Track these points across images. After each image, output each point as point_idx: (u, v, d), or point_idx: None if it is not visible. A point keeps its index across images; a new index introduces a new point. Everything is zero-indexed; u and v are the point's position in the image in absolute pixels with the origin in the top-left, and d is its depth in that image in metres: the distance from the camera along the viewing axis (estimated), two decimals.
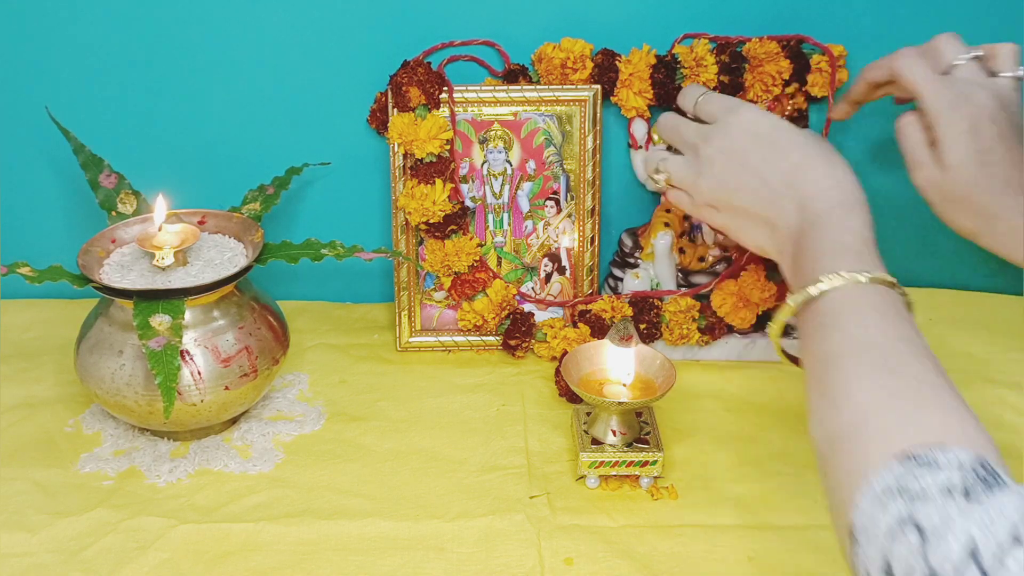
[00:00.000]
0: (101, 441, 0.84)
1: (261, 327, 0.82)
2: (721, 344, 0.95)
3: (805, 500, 0.77)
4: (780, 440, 0.84)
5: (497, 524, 0.75)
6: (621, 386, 0.80)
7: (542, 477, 0.80)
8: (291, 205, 1.00)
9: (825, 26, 0.93)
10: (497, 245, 0.97)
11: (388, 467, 0.81)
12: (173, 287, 0.78)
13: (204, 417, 0.80)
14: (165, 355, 0.74)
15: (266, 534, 0.74)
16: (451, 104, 0.92)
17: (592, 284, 0.98)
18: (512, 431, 0.85)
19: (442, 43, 0.94)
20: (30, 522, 0.74)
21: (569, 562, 0.71)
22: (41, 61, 0.94)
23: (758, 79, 0.91)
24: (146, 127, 0.97)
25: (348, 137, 0.97)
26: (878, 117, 0.98)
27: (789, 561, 0.71)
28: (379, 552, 0.72)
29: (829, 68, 0.92)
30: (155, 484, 0.79)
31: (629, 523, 0.75)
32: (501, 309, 0.95)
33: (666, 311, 0.94)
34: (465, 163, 0.94)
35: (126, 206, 0.88)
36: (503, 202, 0.96)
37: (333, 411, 0.88)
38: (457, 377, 0.93)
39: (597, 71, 0.92)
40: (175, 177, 0.88)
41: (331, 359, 0.95)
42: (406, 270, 0.96)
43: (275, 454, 0.82)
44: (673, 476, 0.80)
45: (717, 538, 0.74)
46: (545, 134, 0.94)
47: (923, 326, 0.61)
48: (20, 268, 0.80)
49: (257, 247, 0.83)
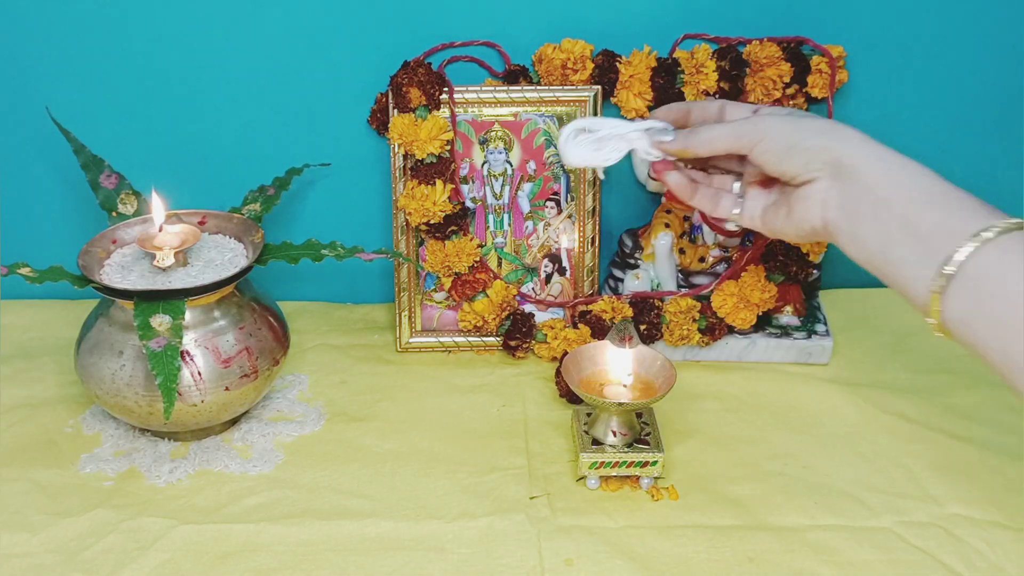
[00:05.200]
0: (101, 442, 0.84)
1: (261, 328, 0.82)
2: (721, 345, 0.95)
3: (805, 500, 0.77)
4: (780, 440, 0.84)
5: (497, 525, 0.75)
6: (621, 387, 0.80)
7: (542, 478, 0.80)
8: (291, 206, 1.00)
9: (825, 27, 0.93)
10: (497, 246, 0.97)
11: (388, 468, 0.81)
12: (173, 288, 0.78)
13: (204, 418, 0.80)
14: (165, 356, 0.74)
15: (266, 535, 0.74)
16: (451, 105, 0.92)
17: (592, 285, 0.98)
18: (512, 432, 0.85)
19: (442, 44, 0.94)
20: (30, 522, 0.74)
21: (569, 563, 0.71)
22: (41, 61, 0.94)
23: (759, 83, 0.91)
24: (146, 128, 0.97)
25: (348, 138, 0.97)
26: (877, 115, 0.99)
27: (789, 562, 0.71)
28: (379, 552, 0.72)
29: (829, 69, 0.92)
30: (155, 485, 0.79)
31: (629, 524, 0.75)
32: (501, 310, 0.95)
33: (666, 312, 0.94)
34: (465, 164, 0.94)
35: (127, 207, 0.88)
36: (503, 203, 0.96)
37: (333, 412, 0.88)
38: (457, 378, 0.93)
39: (597, 72, 0.93)
40: (175, 177, 0.88)
41: (331, 360, 0.95)
42: (406, 271, 0.96)
43: (275, 455, 0.82)
44: (673, 477, 0.80)
45: (717, 538, 0.74)
46: (545, 135, 0.94)
47: (925, 328, 0.61)
48: (21, 269, 0.80)
49: (257, 248, 0.83)
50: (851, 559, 0.72)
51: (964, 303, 0.57)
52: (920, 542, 0.73)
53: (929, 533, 0.74)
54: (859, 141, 0.65)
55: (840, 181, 0.64)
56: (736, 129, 0.69)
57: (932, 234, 0.59)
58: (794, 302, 0.96)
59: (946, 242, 0.58)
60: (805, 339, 0.95)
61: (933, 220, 0.59)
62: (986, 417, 0.87)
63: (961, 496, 0.78)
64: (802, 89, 0.93)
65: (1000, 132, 0.99)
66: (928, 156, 1.00)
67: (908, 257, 0.60)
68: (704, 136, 0.70)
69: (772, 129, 0.67)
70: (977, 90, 0.98)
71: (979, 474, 0.80)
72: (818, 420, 0.87)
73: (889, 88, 0.97)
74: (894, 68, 0.96)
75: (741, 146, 0.68)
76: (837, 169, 0.64)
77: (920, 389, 0.91)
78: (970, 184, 1.01)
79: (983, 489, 0.79)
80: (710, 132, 0.70)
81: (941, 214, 0.59)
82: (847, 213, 0.64)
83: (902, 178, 0.62)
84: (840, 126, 0.66)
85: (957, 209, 0.59)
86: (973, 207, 0.59)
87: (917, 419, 0.87)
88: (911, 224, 0.60)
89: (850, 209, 0.63)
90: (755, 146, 0.67)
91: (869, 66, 0.96)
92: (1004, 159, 1.01)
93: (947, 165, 1.01)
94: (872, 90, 0.97)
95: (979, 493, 0.78)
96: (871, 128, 0.98)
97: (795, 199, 0.67)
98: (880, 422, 0.87)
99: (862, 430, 0.86)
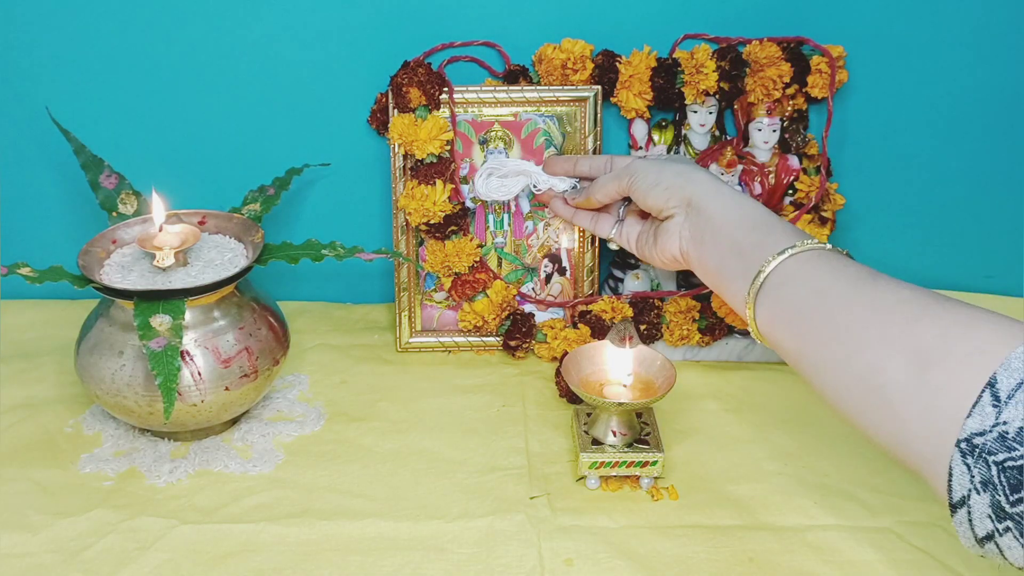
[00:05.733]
0: (101, 442, 0.84)
1: (261, 328, 0.82)
2: (721, 345, 0.95)
3: (805, 500, 0.77)
4: (780, 440, 0.84)
5: (497, 525, 0.75)
6: (621, 387, 0.80)
7: (542, 478, 0.80)
8: (291, 206, 1.00)
9: (825, 27, 0.93)
10: (497, 246, 0.97)
11: (388, 468, 0.81)
12: (173, 288, 0.78)
13: (204, 418, 0.80)
14: (165, 356, 0.74)
15: (266, 535, 0.74)
16: (451, 105, 0.92)
17: (592, 285, 0.98)
18: (512, 432, 0.85)
19: (442, 44, 0.94)
20: (30, 522, 0.74)
21: (569, 563, 0.71)
22: (41, 61, 0.94)
23: (759, 84, 0.91)
24: (146, 128, 0.97)
25: (348, 138, 0.97)
26: (877, 115, 0.99)
27: (789, 561, 0.71)
28: (379, 552, 0.72)
29: (829, 69, 0.92)
30: (155, 485, 0.79)
31: (629, 524, 0.75)
32: (501, 310, 0.95)
33: (666, 312, 0.94)
34: (465, 164, 0.94)
35: (127, 207, 0.88)
36: (503, 203, 0.96)
37: (333, 412, 0.88)
38: (457, 378, 0.93)
39: (597, 72, 0.93)
40: (175, 177, 0.88)
41: (331, 360, 0.95)
42: (406, 271, 0.96)
43: (275, 455, 0.82)
44: (673, 477, 0.80)
45: (717, 538, 0.74)
46: (545, 135, 0.94)
47: None
48: (21, 268, 0.80)
49: (257, 248, 0.83)
50: (851, 559, 0.72)
51: (768, 309, 0.67)
52: (920, 542, 0.73)
53: (929, 533, 0.74)
54: (705, 182, 0.76)
55: (690, 216, 0.75)
56: (617, 174, 0.82)
57: (752, 252, 0.69)
58: None
59: (760, 258, 0.68)
60: None
61: (753, 240, 0.70)
62: None
63: None
64: (802, 89, 0.93)
65: (1000, 132, 0.99)
66: (928, 156, 1.01)
67: (734, 271, 0.70)
68: (599, 186, 0.84)
69: (640, 171, 0.80)
70: (977, 90, 0.98)
71: None
72: (818, 420, 0.87)
73: (889, 88, 0.97)
74: (894, 68, 0.96)
75: (622, 188, 0.81)
76: (688, 206, 0.76)
77: None
78: (970, 184, 1.02)
79: None
80: (604, 183, 0.83)
81: (760, 235, 0.70)
82: (696, 241, 0.75)
83: (734, 209, 0.73)
84: (695, 169, 0.77)
85: (774, 232, 0.69)
86: (789, 231, 0.69)
87: None
88: (737, 244, 0.71)
89: (697, 238, 0.75)
90: (630, 186, 0.80)
91: (869, 66, 0.96)
92: (1004, 159, 1.01)
93: (946, 165, 1.02)
94: (872, 90, 0.97)
95: None
96: (871, 128, 0.99)
97: (659, 231, 0.78)
98: None
99: None
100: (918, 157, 1.01)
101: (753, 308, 0.68)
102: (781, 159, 0.95)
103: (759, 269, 0.67)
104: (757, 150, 0.95)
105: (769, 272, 0.67)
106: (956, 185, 1.02)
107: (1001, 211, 1.03)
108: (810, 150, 0.95)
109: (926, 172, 1.01)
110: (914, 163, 1.01)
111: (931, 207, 1.03)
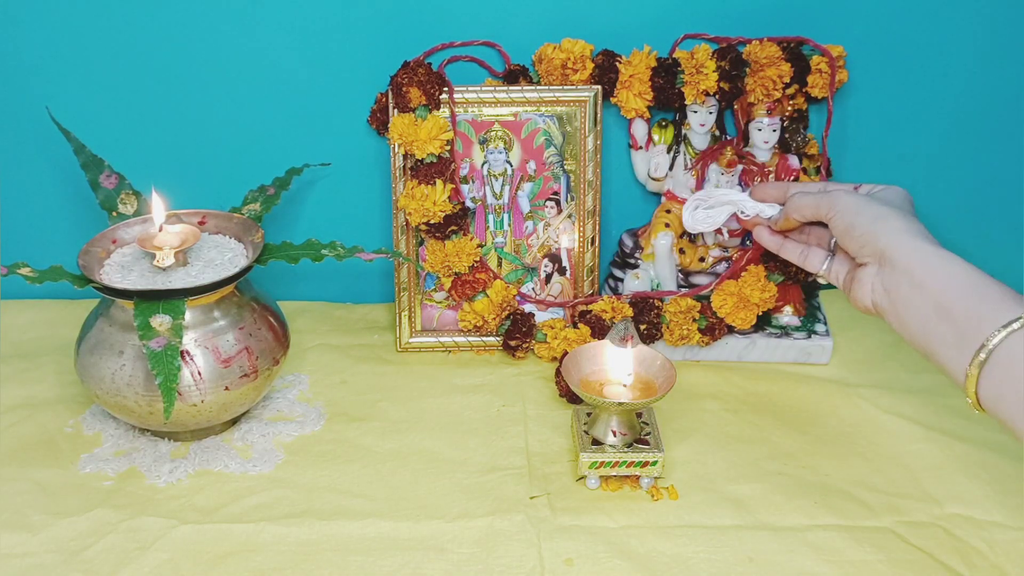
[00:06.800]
0: (101, 441, 0.84)
1: (261, 327, 0.82)
2: (721, 345, 0.95)
3: (805, 500, 0.77)
4: (780, 440, 0.84)
5: (497, 525, 0.75)
6: (621, 387, 0.80)
7: (542, 478, 0.80)
8: (291, 206, 1.00)
9: (825, 27, 0.93)
10: (497, 246, 0.97)
11: (388, 468, 0.81)
12: (173, 287, 0.78)
13: (204, 417, 0.80)
14: (165, 355, 0.74)
15: (266, 534, 0.74)
16: (451, 105, 0.92)
17: (592, 285, 0.98)
18: (512, 432, 0.85)
19: (442, 44, 0.94)
20: (30, 522, 0.74)
21: (569, 563, 0.71)
22: (41, 61, 0.94)
23: (759, 83, 0.91)
24: (146, 127, 0.97)
25: (348, 138, 0.97)
26: (877, 115, 0.99)
27: (789, 562, 0.72)
28: (379, 552, 0.72)
29: (829, 69, 0.92)
30: (155, 484, 0.79)
31: (629, 524, 0.75)
32: (501, 310, 0.95)
33: (666, 312, 0.94)
34: (465, 164, 0.94)
35: (127, 206, 0.88)
36: (503, 203, 0.96)
37: (333, 412, 0.88)
38: (457, 378, 0.93)
39: (597, 72, 0.93)
40: (175, 177, 0.88)
41: (331, 360, 0.95)
42: (406, 271, 0.96)
43: (275, 454, 0.82)
44: (673, 477, 0.80)
45: (717, 538, 0.74)
46: (545, 134, 0.94)
47: None
48: (20, 268, 0.80)
49: (257, 247, 0.83)
50: (851, 559, 0.72)
51: (995, 385, 0.62)
52: (920, 542, 0.73)
53: (929, 533, 0.74)
54: (901, 232, 0.70)
55: (884, 269, 0.70)
56: (818, 197, 0.76)
57: (966, 321, 0.64)
58: (794, 302, 0.96)
59: (979, 330, 0.63)
60: (805, 339, 0.95)
61: (966, 308, 0.64)
62: (986, 417, 0.86)
63: (961, 496, 0.78)
64: (802, 89, 0.93)
65: (1000, 132, 0.99)
66: (928, 156, 1.01)
67: (944, 339, 0.65)
68: (795, 203, 0.78)
69: (839, 205, 0.74)
70: (977, 90, 0.98)
71: (979, 474, 0.80)
72: (818, 420, 0.87)
73: (889, 88, 0.97)
74: (894, 68, 0.96)
75: (820, 212, 0.76)
76: (881, 258, 0.70)
77: (920, 389, 0.91)
78: (970, 184, 1.02)
79: (983, 489, 0.79)
80: (801, 201, 0.78)
81: (974, 302, 0.64)
82: (890, 297, 0.70)
83: (939, 267, 0.67)
84: (893, 215, 0.71)
85: (989, 298, 0.64)
86: (1008, 298, 0.64)
87: (917, 419, 0.87)
88: (945, 309, 0.65)
89: (893, 294, 0.69)
90: (829, 218, 0.75)
91: (869, 66, 0.96)
92: (1004, 159, 1.01)
93: (947, 165, 1.02)
94: (872, 90, 0.97)
95: (979, 493, 0.78)
96: (871, 128, 0.99)
97: (855, 278, 0.73)
98: (880, 422, 0.87)
99: (862, 430, 0.86)
100: (918, 157, 1.01)
101: (976, 382, 0.63)
102: (781, 159, 0.95)
103: (981, 343, 0.62)
104: (757, 150, 0.95)
105: (994, 347, 0.62)
106: (956, 185, 1.02)
107: (1001, 211, 1.03)
108: (810, 150, 0.95)
109: (926, 172, 1.01)
110: (914, 163, 1.01)
111: (931, 207, 1.03)
